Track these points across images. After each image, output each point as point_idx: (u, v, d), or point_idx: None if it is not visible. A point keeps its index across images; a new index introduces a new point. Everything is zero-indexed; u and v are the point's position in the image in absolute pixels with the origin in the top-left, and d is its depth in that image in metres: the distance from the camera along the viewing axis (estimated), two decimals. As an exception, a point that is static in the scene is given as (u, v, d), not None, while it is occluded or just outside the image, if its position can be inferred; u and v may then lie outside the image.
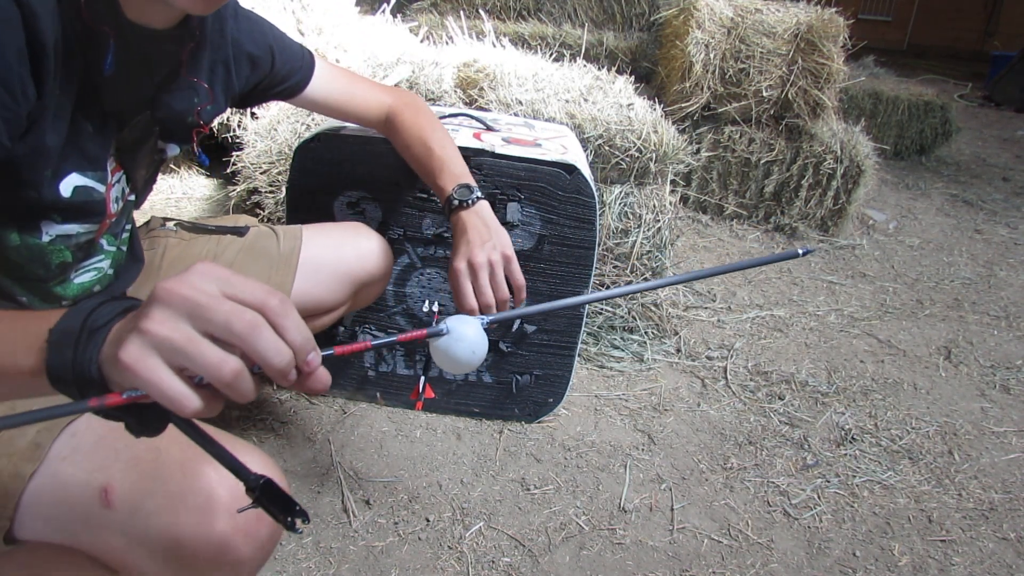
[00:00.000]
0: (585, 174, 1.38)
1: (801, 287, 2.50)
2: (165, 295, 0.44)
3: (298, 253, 1.13)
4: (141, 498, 0.65)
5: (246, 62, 1.00)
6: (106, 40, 0.71)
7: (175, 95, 0.86)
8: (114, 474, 0.66)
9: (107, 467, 0.67)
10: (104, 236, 0.88)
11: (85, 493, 0.66)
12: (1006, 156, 4.93)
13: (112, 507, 0.65)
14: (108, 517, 0.65)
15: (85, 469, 0.67)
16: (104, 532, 0.65)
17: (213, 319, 0.44)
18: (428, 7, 3.95)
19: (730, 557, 1.29)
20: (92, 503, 0.65)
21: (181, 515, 0.64)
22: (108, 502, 0.65)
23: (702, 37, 2.78)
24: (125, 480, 0.66)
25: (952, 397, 1.90)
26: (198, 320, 0.44)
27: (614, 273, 1.85)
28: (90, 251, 0.86)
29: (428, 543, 1.24)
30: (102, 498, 0.65)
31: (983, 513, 1.48)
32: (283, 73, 1.08)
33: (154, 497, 0.65)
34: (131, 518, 0.65)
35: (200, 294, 0.44)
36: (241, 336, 0.44)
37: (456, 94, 1.92)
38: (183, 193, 2.70)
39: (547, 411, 1.58)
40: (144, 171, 0.88)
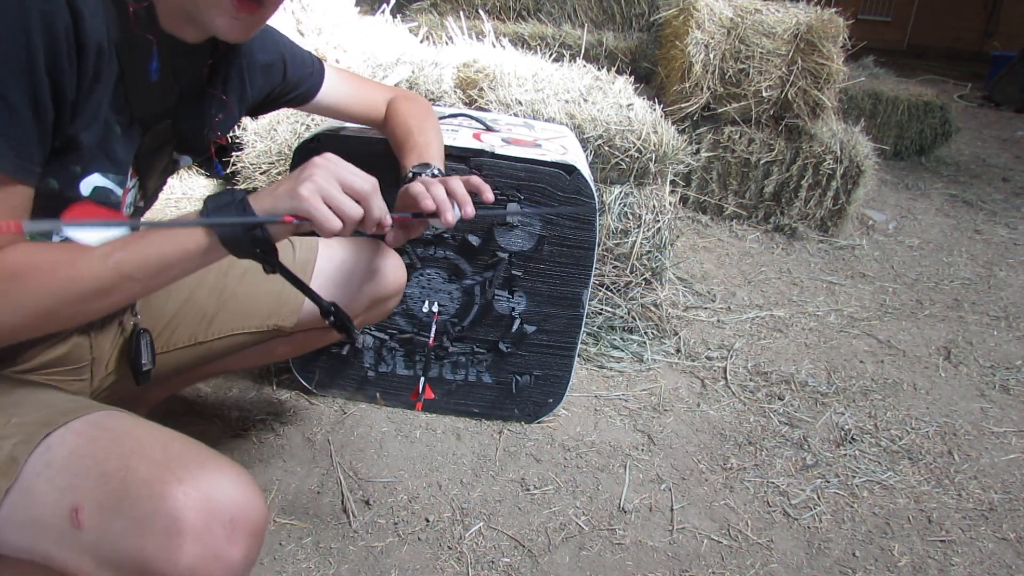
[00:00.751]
0: (585, 174, 1.38)
1: (801, 287, 2.50)
2: (322, 164, 0.75)
3: (313, 264, 1.14)
4: (109, 519, 0.64)
5: (259, 72, 1.02)
6: (150, 47, 0.77)
7: (197, 106, 0.88)
8: (84, 493, 0.65)
9: (78, 485, 0.66)
10: None
11: (56, 512, 0.65)
12: (1006, 156, 4.93)
13: (82, 527, 0.64)
14: (78, 538, 0.64)
15: (57, 487, 0.66)
16: (74, 553, 0.64)
17: (349, 182, 0.76)
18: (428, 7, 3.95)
19: (730, 557, 1.29)
20: (63, 522, 0.64)
21: (148, 539, 0.63)
22: (78, 522, 0.64)
23: (702, 37, 2.78)
24: (94, 499, 0.65)
25: (952, 397, 1.90)
26: (341, 181, 0.75)
27: (614, 273, 1.85)
28: None
29: (428, 543, 1.24)
30: (72, 518, 0.64)
31: (983, 513, 1.48)
32: (294, 81, 1.09)
33: (121, 518, 0.64)
34: (99, 540, 0.64)
35: (340, 167, 0.76)
36: (363, 195, 0.77)
37: (456, 94, 1.92)
38: (183, 193, 2.70)
39: (547, 411, 1.58)
40: (156, 179, 0.89)
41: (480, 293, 1.47)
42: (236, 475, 0.69)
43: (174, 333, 1.06)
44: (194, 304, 1.07)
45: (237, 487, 0.68)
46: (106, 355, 0.98)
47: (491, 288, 1.46)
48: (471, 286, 1.47)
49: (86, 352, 0.95)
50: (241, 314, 1.09)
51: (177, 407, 1.50)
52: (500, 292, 1.46)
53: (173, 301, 1.06)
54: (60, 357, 0.91)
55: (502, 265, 1.43)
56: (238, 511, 0.66)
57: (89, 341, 0.95)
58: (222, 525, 0.65)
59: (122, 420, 0.74)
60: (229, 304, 1.09)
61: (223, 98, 0.93)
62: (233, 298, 1.09)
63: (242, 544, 0.66)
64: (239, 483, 0.68)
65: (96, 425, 0.71)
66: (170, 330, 1.06)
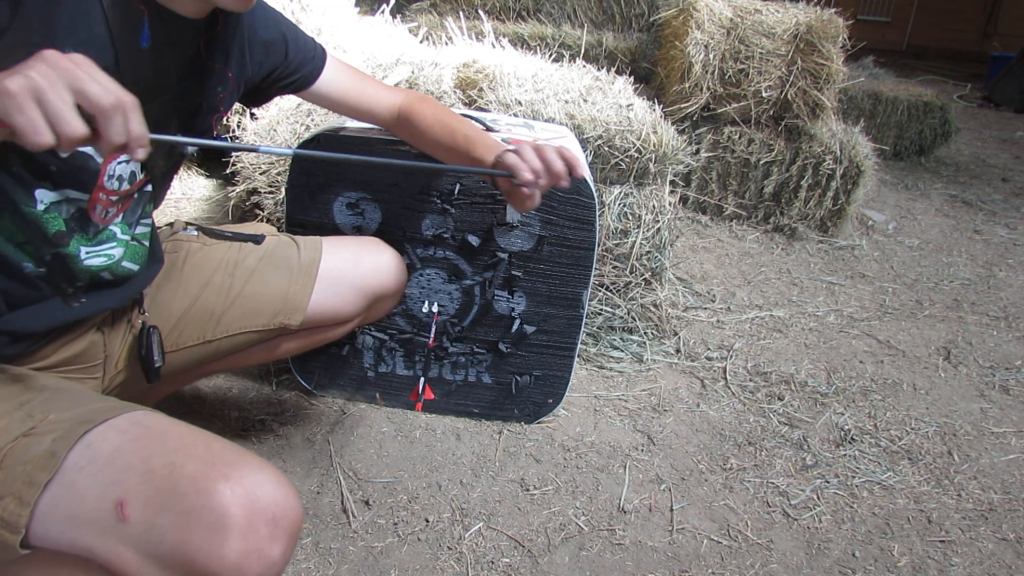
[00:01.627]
0: (585, 175, 1.38)
1: (800, 288, 2.50)
2: (52, 59, 0.59)
3: (318, 264, 1.16)
4: (155, 513, 0.65)
5: (260, 47, 1.01)
6: (141, 16, 0.76)
7: (197, 80, 0.88)
8: (130, 488, 0.66)
9: (123, 480, 0.67)
10: (117, 224, 0.88)
11: (101, 506, 0.65)
12: (1005, 157, 4.93)
13: (128, 521, 0.65)
14: (123, 531, 0.65)
15: (101, 482, 0.67)
16: (119, 545, 0.65)
17: (85, 90, 0.59)
18: (427, 8, 3.95)
19: (729, 558, 1.29)
20: (108, 516, 0.65)
21: (194, 533, 0.64)
22: (124, 516, 0.65)
23: (701, 38, 2.79)
24: (140, 494, 0.66)
25: (951, 398, 1.90)
26: (74, 86, 0.59)
27: (613, 274, 1.85)
28: (93, 232, 0.85)
29: (427, 544, 1.24)
30: (118, 511, 0.65)
31: (982, 514, 1.48)
32: (296, 63, 1.08)
33: (168, 513, 0.65)
34: (145, 533, 0.65)
35: (79, 69, 0.59)
36: (101, 110, 0.60)
37: (455, 95, 1.92)
38: (182, 194, 2.70)
39: (546, 412, 1.58)
40: (163, 161, 0.89)
41: (480, 293, 1.47)
42: (277, 476, 0.71)
43: (183, 333, 1.08)
44: (202, 304, 1.09)
45: (279, 487, 0.69)
46: (117, 353, 0.99)
47: (491, 288, 1.46)
48: (471, 286, 1.47)
49: (100, 350, 0.96)
50: (248, 313, 1.11)
51: (177, 407, 1.50)
52: (500, 292, 1.46)
53: (181, 301, 1.08)
54: (77, 355, 0.93)
55: (502, 265, 1.43)
56: (279, 510, 0.68)
57: (103, 339, 0.96)
58: (265, 523, 0.66)
59: (161, 419, 0.75)
60: (236, 303, 1.10)
61: (225, 72, 0.92)
62: (240, 297, 1.11)
63: (282, 542, 0.68)
64: (280, 483, 0.70)
65: (137, 424, 0.72)
66: (178, 330, 1.08)
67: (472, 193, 1.38)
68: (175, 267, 1.09)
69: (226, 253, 1.13)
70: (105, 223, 0.86)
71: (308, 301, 1.14)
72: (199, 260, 1.11)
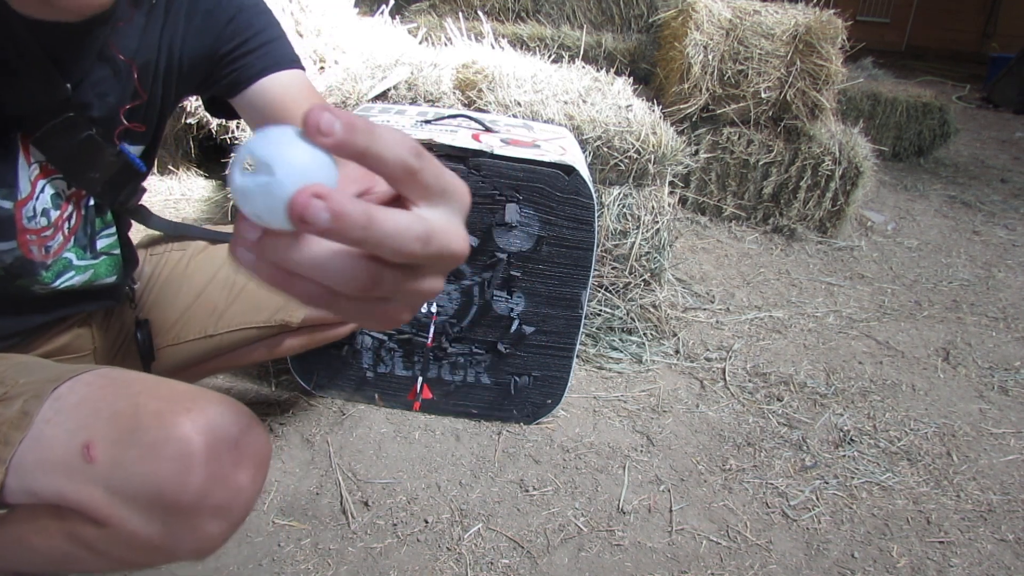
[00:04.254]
0: (584, 175, 1.38)
1: (800, 288, 2.50)
2: None
3: None
4: (121, 451, 0.66)
5: (201, 18, 0.84)
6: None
7: (100, 90, 0.78)
8: (96, 430, 0.67)
9: (89, 424, 0.67)
10: (70, 250, 0.84)
11: (68, 450, 0.66)
12: (1004, 158, 4.94)
13: (95, 461, 0.65)
14: (91, 471, 0.65)
15: (68, 429, 0.67)
16: (87, 486, 0.65)
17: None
18: (427, 8, 3.95)
19: (729, 558, 1.29)
20: (75, 459, 0.66)
21: (159, 465, 0.65)
22: (91, 457, 0.65)
23: (700, 39, 2.79)
24: (106, 435, 0.66)
25: (950, 399, 1.90)
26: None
27: (612, 274, 1.85)
28: (42, 269, 0.82)
29: (427, 544, 1.24)
30: (84, 453, 0.65)
31: (981, 515, 1.48)
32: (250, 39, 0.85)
33: (133, 449, 0.65)
34: (112, 471, 0.65)
35: None
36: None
37: (455, 95, 1.92)
38: (181, 194, 2.69)
39: (545, 412, 1.58)
40: (99, 173, 0.81)
41: (479, 294, 1.47)
42: (238, 408, 0.71)
43: (184, 327, 1.09)
44: (205, 299, 1.09)
45: (240, 416, 0.70)
46: (111, 347, 0.99)
47: (490, 289, 1.46)
48: (470, 286, 1.47)
49: (87, 342, 0.97)
50: (250, 309, 1.11)
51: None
52: (499, 293, 1.46)
53: (184, 297, 1.09)
54: (62, 347, 0.93)
55: (501, 266, 1.43)
56: (242, 437, 0.69)
57: (91, 332, 0.97)
58: (228, 449, 0.67)
59: (129, 372, 0.76)
60: (239, 299, 1.11)
61: (135, 76, 0.80)
62: (243, 292, 1.11)
63: (248, 469, 0.69)
64: (241, 414, 0.71)
65: (104, 376, 0.73)
66: (181, 324, 1.09)
67: (471, 193, 1.38)
68: (180, 264, 1.10)
69: (225, 254, 1.14)
70: (55, 256, 0.82)
71: None
72: (204, 257, 1.12)
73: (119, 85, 0.80)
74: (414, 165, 0.33)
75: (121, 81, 0.80)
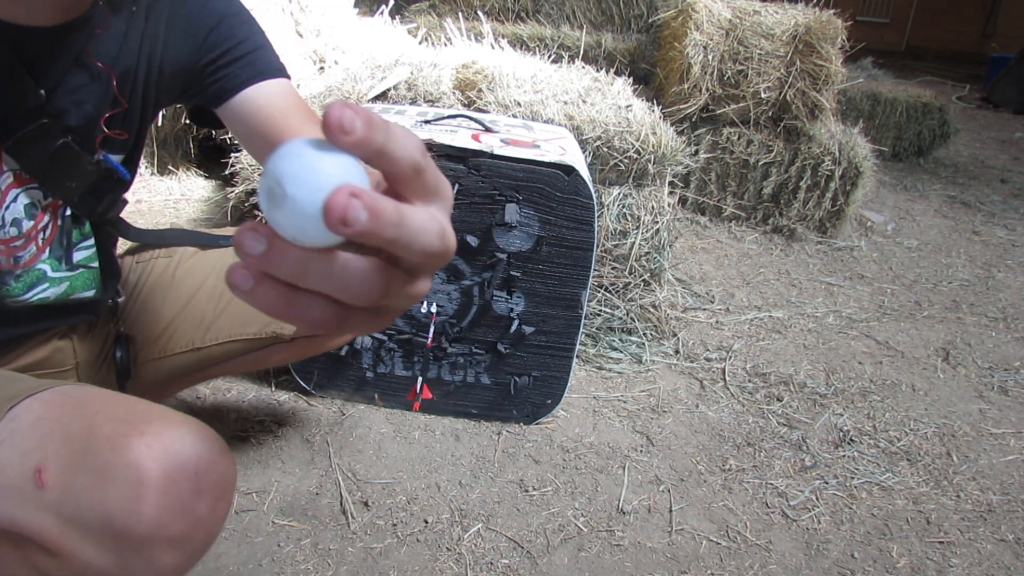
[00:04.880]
0: (583, 175, 1.38)
1: (799, 289, 2.51)
2: None
3: None
4: (72, 476, 0.62)
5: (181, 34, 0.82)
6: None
7: (77, 97, 0.76)
8: (48, 453, 0.63)
9: (42, 446, 0.64)
10: (45, 261, 0.82)
11: (20, 474, 0.63)
12: (1004, 158, 4.94)
13: (45, 487, 0.62)
14: (41, 497, 0.62)
15: (21, 451, 0.64)
16: (39, 513, 0.62)
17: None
18: (427, 9, 3.95)
19: (728, 558, 1.29)
20: (26, 484, 0.62)
21: (110, 491, 0.61)
22: (42, 482, 0.62)
23: (700, 39, 2.79)
24: (58, 459, 0.63)
25: (950, 399, 1.90)
26: None
27: (612, 274, 1.85)
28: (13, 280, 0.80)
29: (426, 544, 1.24)
30: (36, 478, 0.62)
31: (981, 515, 1.48)
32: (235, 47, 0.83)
33: (84, 474, 0.62)
34: (62, 497, 0.62)
35: None
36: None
37: (455, 96, 1.92)
38: (181, 195, 2.69)
39: (545, 413, 1.58)
40: (76, 182, 0.79)
41: (478, 294, 1.47)
42: (200, 430, 0.67)
43: (172, 339, 1.05)
44: (193, 309, 1.05)
45: (202, 441, 0.66)
46: (93, 360, 0.97)
47: (489, 289, 1.46)
48: (469, 287, 1.47)
49: (68, 356, 0.93)
50: (240, 321, 1.07)
51: (175, 408, 1.50)
52: (498, 293, 1.46)
53: (171, 307, 1.04)
54: (40, 360, 0.89)
55: (500, 266, 1.43)
56: (202, 464, 0.65)
57: (72, 345, 0.93)
58: (186, 477, 0.63)
59: (90, 389, 0.72)
60: (228, 310, 1.07)
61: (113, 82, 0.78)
62: (232, 304, 1.07)
63: (209, 498, 0.64)
64: (204, 438, 0.66)
65: (63, 394, 0.70)
66: (167, 335, 1.04)
67: (471, 193, 1.38)
68: (167, 272, 1.06)
69: (220, 258, 1.10)
70: (26, 266, 0.80)
71: None
72: (192, 265, 1.08)
73: (97, 92, 0.78)
74: (421, 163, 0.32)
75: (99, 88, 0.78)
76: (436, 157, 1.35)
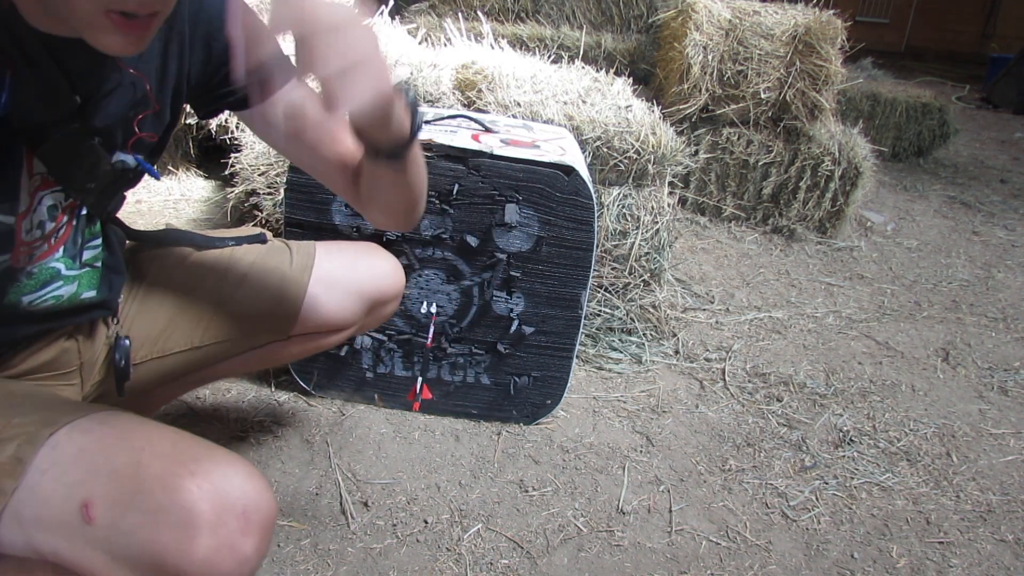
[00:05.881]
0: (583, 176, 1.38)
1: (799, 289, 2.51)
2: None
3: (311, 270, 1.12)
4: (121, 514, 0.64)
5: (201, 41, 0.87)
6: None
7: (109, 100, 0.78)
8: (95, 488, 0.65)
9: (87, 481, 0.65)
10: (58, 260, 0.83)
11: (65, 508, 0.64)
12: (1004, 158, 4.94)
13: (93, 522, 0.63)
14: (90, 533, 0.63)
15: (66, 483, 0.65)
16: (86, 548, 0.64)
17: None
18: (426, 9, 3.95)
19: (728, 559, 1.29)
20: (73, 518, 0.64)
21: (162, 532, 0.63)
22: (89, 517, 0.63)
23: (700, 39, 2.79)
24: (106, 495, 0.64)
25: (950, 399, 1.90)
26: None
27: (612, 275, 1.85)
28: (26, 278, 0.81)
29: (426, 545, 1.24)
30: (83, 513, 0.64)
31: (981, 515, 1.48)
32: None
33: (134, 513, 0.63)
34: (112, 534, 0.63)
35: None
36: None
37: (454, 96, 1.92)
38: (181, 195, 2.69)
39: (545, 413, 1.58)
40: (93, 184, 0.81)
41: (478, 294, 1.47)
42: (247, 469, 0.69)
43: (170, 338, 1.05)
44: (191, 309, 1.05)
45: (249, 480, 0.68)
46: (95, 360, 0.97)
47: (489, 289, 1.46)
48: (469, 287, 1.47)
49: (74, 357, 0.93)
50: (238, 320, 1.08)
51: (175, 409, 1.50)
52: (498, 293, 1.46)
53: (169, 306, 1.04)
54: (48, 362, 0.90)
55: (500, 266, 1.43)
56: (250, 503, 0.67)
57: (77, 346, 0.93)
58: (235, 517, 0.65)
59: (128, 418, 0.73)
60: (226, 309, 1.07)
61: (143, 82, 0.81)
62: (231, 302, 1.07)
63: (255, 537, 0.67)
64: (250, 476, 0.69)
65: (103, 423, 0.71)
66: (166, 335, 1.04)
67: (471, 193, 1.38)
68: (164, 272, 1.06)
69: (217, 258, 1.10)
70: (40, 260, 0.81)
71: (299, 308, 1.11)
72: (190, 265, 1.08)
73: (129, 97, 0.80)
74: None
75: (131, 93, 0.80)
76: (436, 157, 1.36)
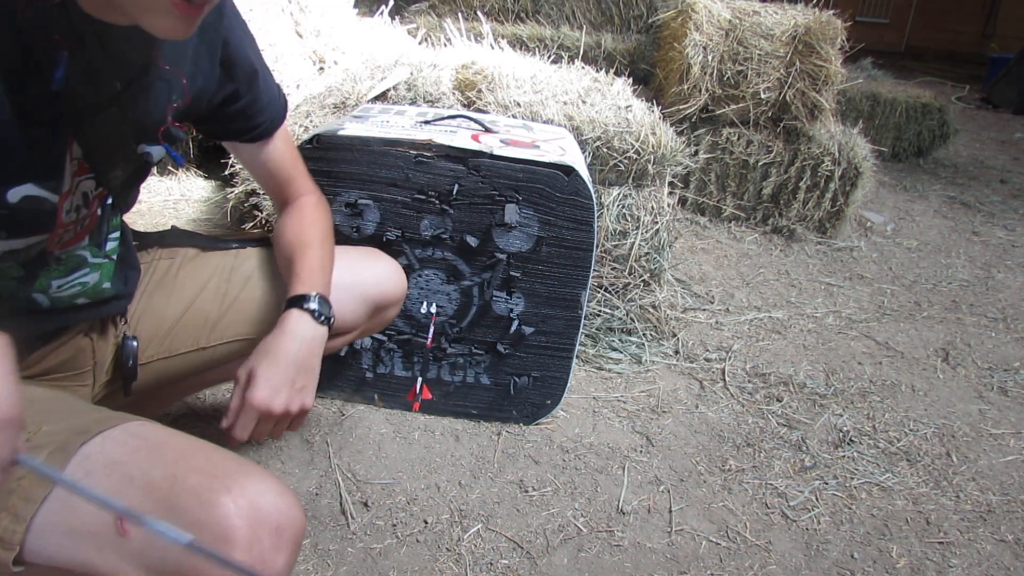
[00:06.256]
0: (583, 176, 1.38)
1: (799, 289, 2.51)
2: None
3: None
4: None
5: (224, 63, 0.92)
6: (54, 53, 0.69)
7: (146, 91, 0.81)
8: (129, 501, 0.65)
9: (122, 493, 0.66)
10: (84, 248, 0.85)
11: (99, 520, 0.64)
12: (1004, 158, 4.94)
13: (128, 536, 0.64)
14: (124, 546, 0.64)
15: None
16: (120, 561, 0.64)
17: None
18: (426, 9, 3.95)
19: (728, 559, 1.29)
20: (107, 531, 0.64)
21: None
22: (124, 531, 0.64)
23: (700, 39, 2.79)
24: (140, 508, 0.64)
25: (950, 399, 1.90)
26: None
27: (612, 275, 1.85)
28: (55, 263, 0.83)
29: (426, 545, 1.24)
30: (117, 526, 0.64)
31: (981, 515, 1.48)
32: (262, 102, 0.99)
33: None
34: (147, 548, 0.64)
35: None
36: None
37: (454, 96, 1.92)
38: (181, 195, 2.69)
39: (545, 413, 1.58)
40: (120, 171, 0.84)
41: (478, 294, 1.47)
42: (278, 486, 0.70)
43: (176, 339, 1.05)
44: (197, 310, 1.06)
45: (281, 497, 0.69)
46: (105, 360, 0.97)
47: (489, 289, 1.46)
48: (469, 287, 1.47)
49: (88, 357, 0.94)
50: (244, 320, 1.08)
51: (175, 409, 1.50)
52: (498, 293, 1.46)
53: (175, 307, 1.05)
54: (65, 361, 0.91)
55: (500, 266, 1.44)
56: (283, 520, 0.68)
57: (92, 344, 0.94)
58: (269, 533, 0.66)
59: (159, 430, 0.74)
60: (232, 310, 1.08)
61: (179, 76, 0.85)
62: (236, 303, 1.08)
63: (286, 551, 0.68)
64: (282, 493, 0.70)
65: (134, 435, 0.72)
66: (172, 336, 1.05)
67: (471, 194, 1.38)
68: (170, 272, 1.07)
69: (222, 258, 1.10)
70: (68, 246, 0.83)
71: None
72: (195, 265, 1.09)
73: (164, 88, 0.83)
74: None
75: (167, 88, 0.84)
76: (436, 157, 1.36)
